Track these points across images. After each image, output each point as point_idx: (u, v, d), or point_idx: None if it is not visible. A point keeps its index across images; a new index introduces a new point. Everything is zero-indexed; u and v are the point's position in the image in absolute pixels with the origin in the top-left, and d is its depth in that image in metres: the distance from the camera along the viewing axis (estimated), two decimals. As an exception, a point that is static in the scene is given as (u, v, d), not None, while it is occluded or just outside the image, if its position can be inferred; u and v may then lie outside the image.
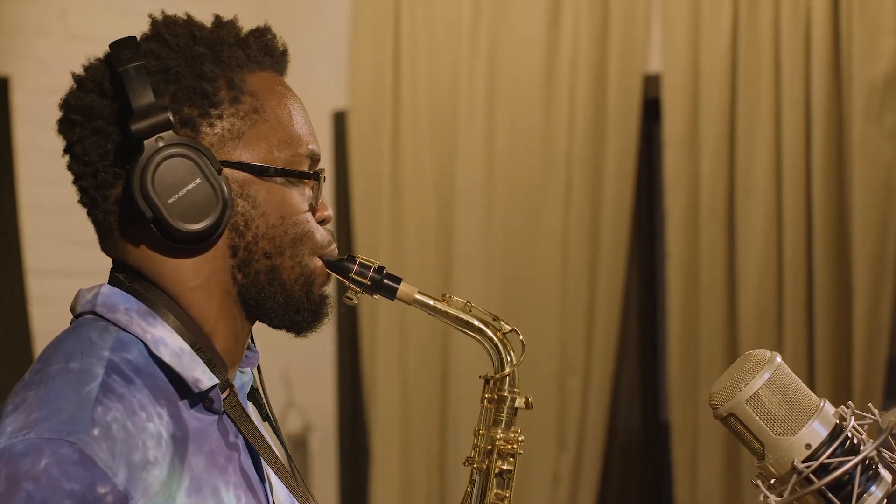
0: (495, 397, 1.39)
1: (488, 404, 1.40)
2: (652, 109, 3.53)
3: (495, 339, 1.38)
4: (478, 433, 1.40)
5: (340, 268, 1.33)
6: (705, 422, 3.34)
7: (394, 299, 1.35)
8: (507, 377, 1.38)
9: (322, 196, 1.34)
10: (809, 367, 3.22)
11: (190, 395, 1.24)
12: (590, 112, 3.54)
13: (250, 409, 1.39)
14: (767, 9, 3.25)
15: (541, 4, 3.59)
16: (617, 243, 3.53)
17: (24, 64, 3.60)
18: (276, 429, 1.41)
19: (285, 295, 1.29)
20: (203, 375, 1.24)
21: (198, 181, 1.23)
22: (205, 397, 1.25)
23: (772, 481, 1.25)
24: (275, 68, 1.34)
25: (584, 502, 3.59)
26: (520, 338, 1.39)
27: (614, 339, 3.55)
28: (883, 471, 1.23)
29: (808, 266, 3.24)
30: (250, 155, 1.28)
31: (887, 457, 1.23)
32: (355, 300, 1.35)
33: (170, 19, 1.30)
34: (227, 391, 1.28)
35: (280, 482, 1.33)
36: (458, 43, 3.71)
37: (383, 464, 3.84)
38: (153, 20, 1.30)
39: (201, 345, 1.26)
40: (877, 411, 1.25)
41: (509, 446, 1.38)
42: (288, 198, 1.29)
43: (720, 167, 3.35)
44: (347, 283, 1.34)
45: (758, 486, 1.25)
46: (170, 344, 1.24)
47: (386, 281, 1.34)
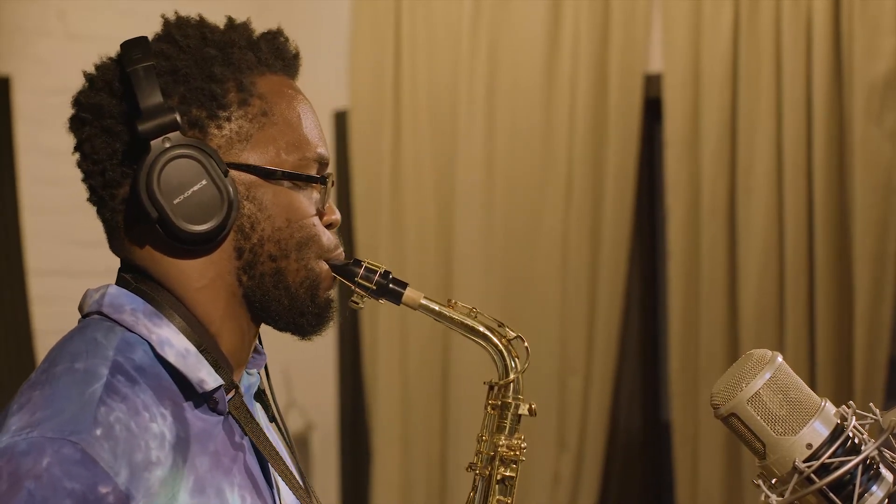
0: (499, 403, 1.38)
1: (492, 410, 1.39)
2: (653, 109, 3.53)
3: (500, 345, 1.38)
4: (481, 439, 1.39)
5: (346, 272, 1.33)
6: (706, 422, 3.34)
7: (399, 304, 1.35)
8: (512, 383, 1.38)
9: (330, 200, 1.34)
10: (810, 367, 3.22)
11: (195, 395, 1.25)
12: (590, 112, 3.54)
13: (258, 410, 1.39)
14: (768, 8, 3.25)
15: (541, 4, 3.59)
16: (618, 243, 3.53)
17: (24, 64, 3.60)
18: (284, 430, 1.41)
19: (290, 298, 1.29)
20: (208, 376, 1.24)
21: (203, 182, 1.23)
22: (209, 398, 1.25)
23: (773, 481, 1.25)
24: (286, 71, 1.34)
25: (584, 502, 3.58)
26: (524, 344, 1.39)
27: (615, 338, 3.55)
28: (884, 470, 1.23)
29: (809, 266, 3.23)
30: (258, 157, 1.28)
31: (888, 456, 1.24)
32: (361, 304, 1.35)
33: (182, 20, 1.30)
34: (233, 392, 1.28)
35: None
36: (458, 43, 3.71)
37: (384, 464, 3.84)
38: (165, 21, 1.30)
39: (207, 346, 1.26)
40: (878, 411, 1.25)
41: (512, 453, 1.38)
42: (294, 201, 1.29)
43: (721, 167, 3.35)
44: (353, 287, 1.34)
45: (759, 485, 1.25)
46: (175, 345, 1.24)
47: (391, 286, 1.34)
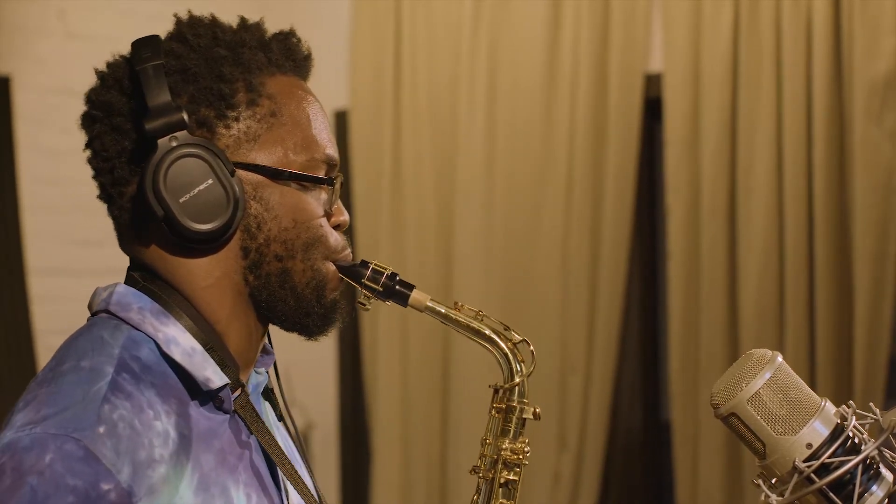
0: (503, 407, 1.39)
1: (496, 414, 1.39)
2: (653, 109, 3.54)
3: (505, 348, 1.38)
4: (485, 443, 1.39)
5: (353, 273, 1.34)
6: (706, 421, 3.34)
7: (406, 306, 1.35)
8: (517, 387, 1.38)
9: (338, 201, 1.34)
10: (810, 367, 3.22)
11: (200, 394, 1.25)
12: (591, 111, 3.54)
13: (267, 409, 1.40)
14: (768, 8, 3.25)
15: (541, 4, 3.59)
16: (618, 242, 3.53)
17: (24, 63, 3.60)
18: (293, 429, 1.41)
19: (296, 298, 1.30)
20: (214, 375, 1.25)
21: (210, 182, 1.24)
22: (215, 397, 1.26)
23: (773, 481, 1.26)
24: (296, 72, 1.34)
25: (584, 502, 3.59)
26: (530, 348, 1.39)
27: (615, 338, 3.55)
28: (884, 470, 1.23)
29: (809, 265, 3.23)
30: (265, 158, 1.28)
31: (888, 456, 1.24)
32: (368, 306, 1.35)
33: (195, 20, 1.31)
34: (239, 391, 1.29)
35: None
36: (458, 42, 3.72)
37: (384, 464, 3.84)
38: (178, 20, 1.31)
39: (213, 344, 1.27)
40: (878, 410, 1.25)
41: (515, 457, 1.38)
42: (301, 202, 1.29)
43: (721, 166, 3.35)
44: (360, 288, 1.34)
45: (759, 485, 1.25)
46: (181, 343, 1.25)
47: (398, 287, 1.34)
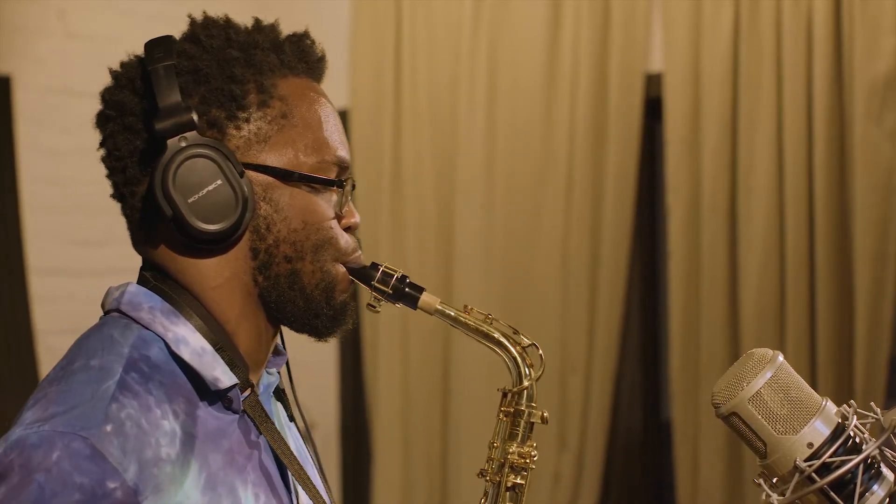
0: (511, 411, 1.39)
1: (504, 417, 1.39)
2: (653, 108, 3.53)
3: (515, 352, 1.38)
4: (492, 446, 1.39)
5: (363, 275, 1.34)
6: (707, 421, 3.34)
7: (416, 309, 1.35)
8: (525, 391, 1.38)
9: (350, 203, 1.34)
10: (811, 366, 3.22)
11: (209, 394, 1.25)
12: (591, 111, 3.54)
13: (279, 409, 1.40)
14: (769, 8, 3.25)
15: (541, 4, 3.59)
16: (618, 242, 3.53)
17: (24, 63, 3.60)
18: (305, 428, 1.41)
19: (305, 299, 1.30)
20: (223, 375, 1.25)
21: (219, 182, 1.24)
22: (224, 396, 1.26)
23: (774, 480, 1.25)
24: (309, 74, 1.34)
25: (585, 502, 3.59)
26: (539, 352, 1.39)
27: (615, 338, 3.55)
28: (885, 470, 1.24)
29: (810, 265, 3.23)
30: (275, 159, 1.28)
31: (889, 455, 1.24)
32: (378, 308, 1.35)
33: (209, 21, 1.31)
34: (248, 391, 1.29)
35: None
36: (458, 42, 3.72)
37: (385, 464, 3.84)
38: (192, 21, 1.31)
39: (223, 345, 1.27)
40: (879, 410, 1.25)
41: (523, 461, 1.38)
42: (311, 203, 1.30)
43: (721, 166, 3.35)
44: (370, 290, 1.34)
45: (760, 485, 1.25)
46: (191, 343, 1.25)
47: (408, 290, 1.35)
